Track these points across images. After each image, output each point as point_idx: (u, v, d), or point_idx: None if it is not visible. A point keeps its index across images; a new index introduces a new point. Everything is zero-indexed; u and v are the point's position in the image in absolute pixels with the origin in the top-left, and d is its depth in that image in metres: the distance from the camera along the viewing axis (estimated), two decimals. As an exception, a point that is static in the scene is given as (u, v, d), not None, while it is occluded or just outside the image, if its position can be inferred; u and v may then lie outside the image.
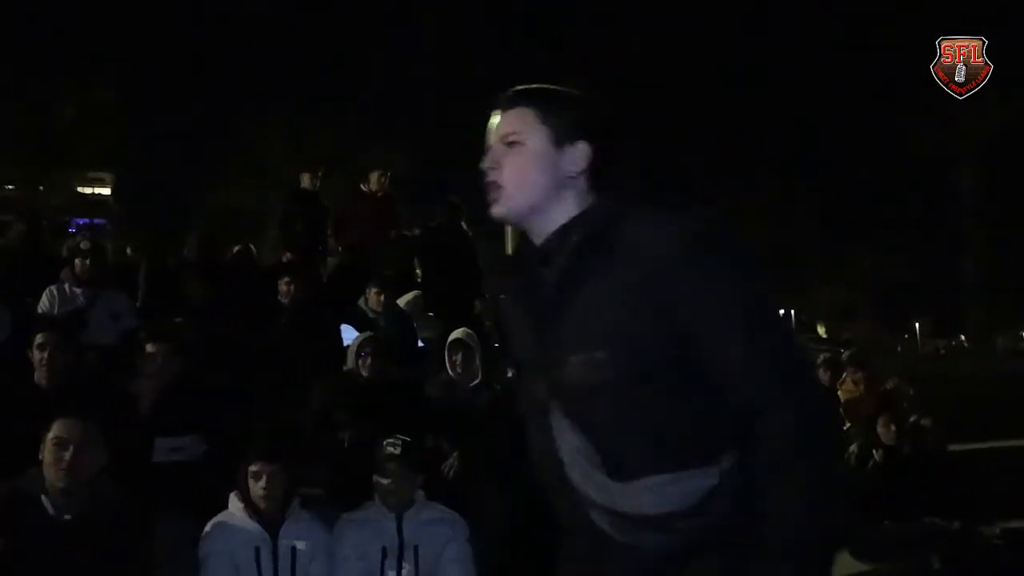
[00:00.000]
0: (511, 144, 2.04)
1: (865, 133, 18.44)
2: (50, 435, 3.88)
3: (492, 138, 2.08)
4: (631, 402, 1.89)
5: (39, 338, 5.27)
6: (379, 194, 10.24)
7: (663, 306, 1.85)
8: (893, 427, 6.01)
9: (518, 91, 2.08)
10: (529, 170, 2.02)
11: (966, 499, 6.22)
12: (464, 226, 9.94)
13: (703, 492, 1.89)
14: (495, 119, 2.09)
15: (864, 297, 32.47)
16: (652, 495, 1.89)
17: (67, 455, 3.82)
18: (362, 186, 10.40)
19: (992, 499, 6.54)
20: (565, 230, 2.00)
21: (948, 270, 20.67)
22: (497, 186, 2.04)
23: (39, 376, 5.25)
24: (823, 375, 7.46)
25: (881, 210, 18.54)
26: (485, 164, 2.06)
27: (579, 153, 2.02)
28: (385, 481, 4.59)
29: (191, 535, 4.63)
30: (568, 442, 1.97)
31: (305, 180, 10.55)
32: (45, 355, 5.22)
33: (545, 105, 2.04)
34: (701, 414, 1.89)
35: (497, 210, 2.05)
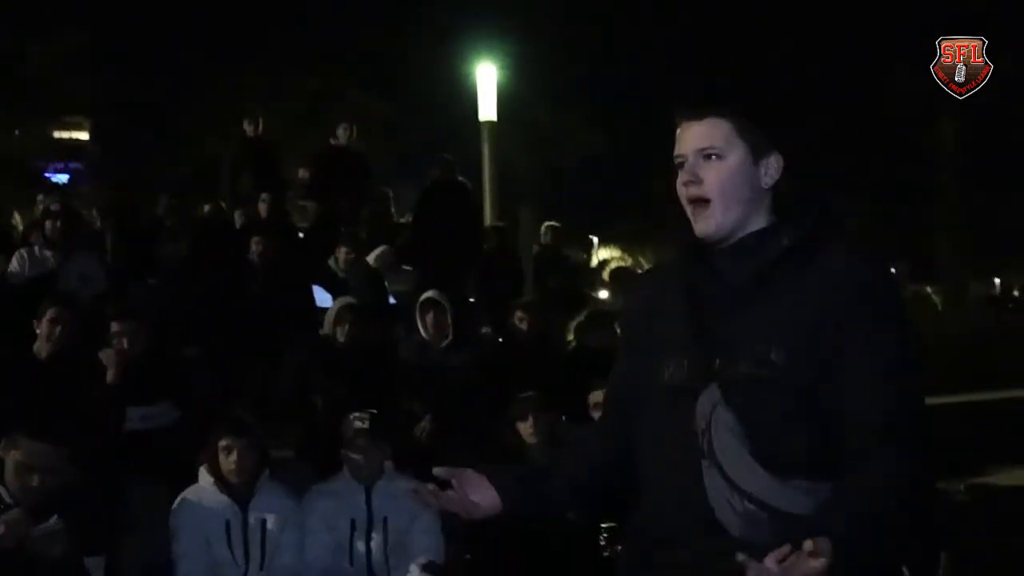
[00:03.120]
0: (709, 157, 2.05)
1: (842, 85, 18.41)
2: (15, 454, 3.72)
3: (685, 148, 2.07)
4: (791, 404, 1.95)
5: (51, 312, 5.27)
6: (347, 147, 10.09)
7: (833, 330, 1.96)
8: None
9: (709, 97, 2.11)
10: (732, 185, 2.05)
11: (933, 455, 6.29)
12: (463, 180, 9.75)
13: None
14: (687, 127, 2.08)
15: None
16: (805, 497, 1.93)
17: (33, 482, 3.69)
18: (331, 140, 10.27)
19: (960, 455, 6.62)
20: (765, 234, 2.06)
21: (921, 218, 20.84)
22: (703, 200, 2.05)
23: (39, 347, 5.27)
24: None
25: (852, 158, 18.63)
26: (683, 178, 2.07)
27: (773, 166, 2.07)
28: (355, 456, 4.61)
29: (165, 500, 4.68)
30: (722, 422, 1.98)
31: (247, 127, 10.24)
32: (57, 330, 5.22)
33: (742, 117, 2.06)
34: (837, 433, 1.96)
35: (705, 227, 2.06)
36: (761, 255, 2.05)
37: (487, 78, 13.28)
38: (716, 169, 2.05)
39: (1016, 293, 35.06)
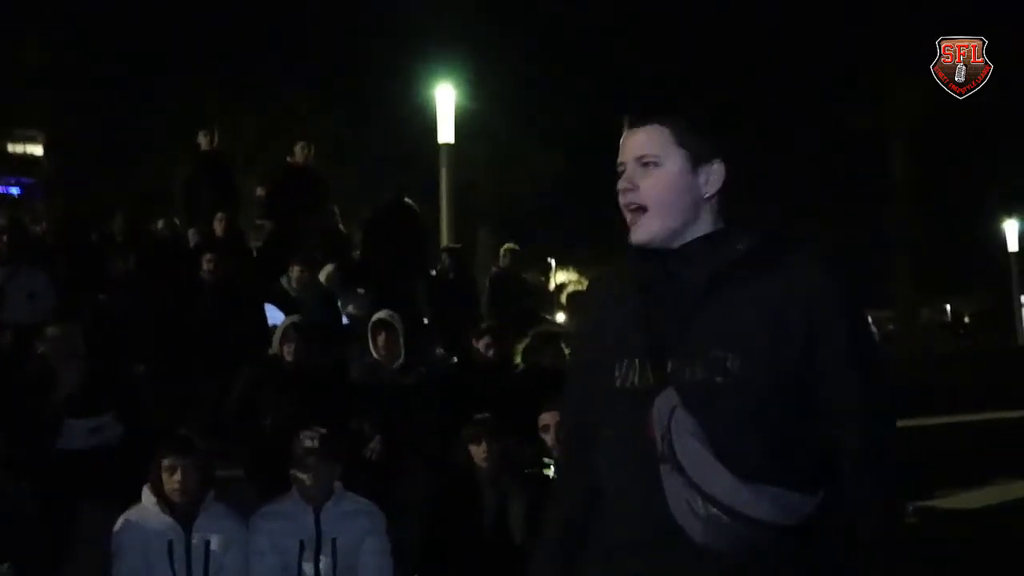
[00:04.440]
0: (647, 165, 2.03)
1: (800, 111, 18.62)
2: None
3: (625, 156, 2.06)
4: (753, 409, 1.94)
5: None
6: (305, 166, 10.05)
7: (801, 341, 1.95)
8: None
9: (650, 106, 2.08)
10: (668, 192, 2.02)
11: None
12: (410, 202, 9.77)
13: (804, 516, 1.94)
14: (628, 136, 2.07)
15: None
16: (769, 503, 1.92)
17: None
18: (288, 159, 10.22)
19: (910, 477, 6.66)
20: (716, 238, 2.04)
21: (876, 242, 21.12)
22: (638, 208, 2.04)
23: None
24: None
25: (808, 183, 18.88)
26: (621, 185, 2.05)
27: (715, 174, 2.05)
28: (303, 475, 4.55)
29: (111, 521, 4.59)
30: (683, 426, 1.95)
31: (203, 140, 10.04)
32: None
33: (681, 124, 2.04)
34: (809, 442, 1.97)
35: (639, 235, 2.05)
36: (716, 258, 2.02)
37: (446, 100, 13.31)
38: (653, 176, 2.04)
39: (967, 320, 35.64)
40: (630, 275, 2.14)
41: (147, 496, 4.39)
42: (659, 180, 2.04)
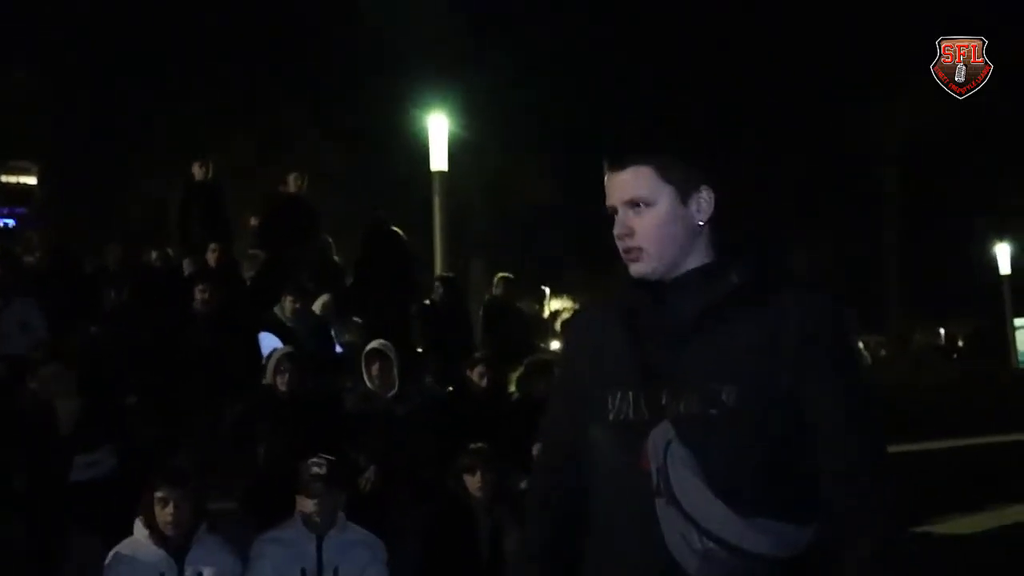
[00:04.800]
0: (638, 206, 2.04)
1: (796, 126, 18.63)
2: None
3: (614, 200, 2.06)
4: (750, 442, 1.93)
5: None
6: (298, 196, 10.07)
7: (792, 376, 1.95)
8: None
9: (629, 146, 2.08)
10: (664, 230, 2.03)
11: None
12: (397, 231, 9.78)
13: (799, 549, 1.94)
14: (611, 178, 2.07)
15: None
16: (764, 535, 1.91)
17: None
18: (281, 188, 10.25)
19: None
20: (710, 270, 2.04)
21: (869, 265, 21.11)
22: (638, 250, 2.04)
23: None
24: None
25: (802, 203, 18.89)
26: (617, 231, 2.06)
27: (704, 202, 2.05)
28: (311, 502, 4.52)
29: (101, 554, 4.55)
30: (679, 459, 1.95)
31: (197, 171, 10.12)
32: None
33: (663, 160, 2.04)
34: (803, 473, 1.96)
35: (639, 269, 2.05)
36: (710, 291, 2.02)
37: (439, 128, 13.34)
38: (646, 217, 2.03)
39: (961, 343, 35.63)
40: (621, 304, 2.13)
41: (139, 529, 4.33)
42: (652, 220, 2.03)
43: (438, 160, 13.11)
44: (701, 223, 2.05)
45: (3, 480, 4.73)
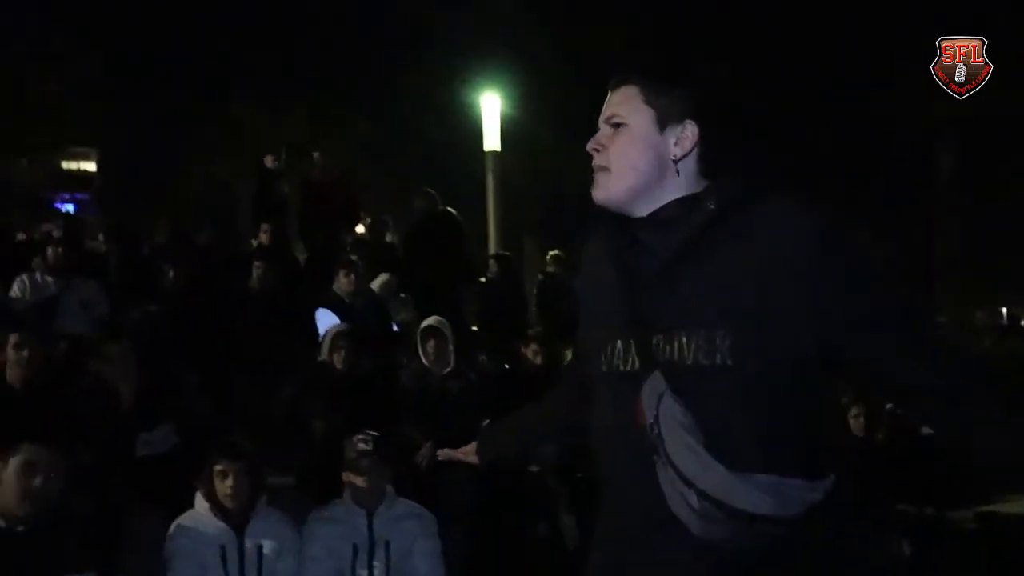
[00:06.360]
0: (615, 125, 1.96)
1: (847, 111, 18.26)
2: (17, 458, 3.76)
3: (601, 118, 1.99)
4: (748, 392, 1.78)
5: (14, 338, 5.20)
6: (330, 180, 10.12)
7: (801, 301, 1.77)
8: (863, 419, 5.98)
9: (627, 67, 2.00)
10: (630, 153, 1.93)
11: (941, 484, 6.20)
12: (451, 211, 9.80)
13: (806, 505, 1.78)
14: (607, 98, 2.00)
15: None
16: (764, 495, 1.76)
17: (36, 482, 3.74)
18: (313, 174, 10.30)
19: (968, 483, 6.52)
20: (685, 203, 1.91)
21: (925, 247, 20.71)
22: (603, 169, 1.95)
23: (12, 376, 5.19)
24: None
25: (857, 186, 18.53)
26: (589, 146, 1.98)
27: (686, 135, 1.93)
28: (358, 479, 4.54)
29: (162, 527, 4.61)
30: (671, 415, 1.80)
31: (268, 161, 10.37)
32: (24, 354, 5.15)
33: (649, 84, 1.95)
34: (813, 424, 1.82)
35: (599, 194, 1.96)
36: (686, 223, 1.88)
37: (491, 108, 13.33)
38: (618, 136, 1.95)
39: None
40: (606, 247, 2.02)
41: (200, 502, 4.39)
42: (622, 140, 1.94)
43: (491, 139, 13.10)
44: (676, 157, 1.92)
45: (72, 455, 4.79)
